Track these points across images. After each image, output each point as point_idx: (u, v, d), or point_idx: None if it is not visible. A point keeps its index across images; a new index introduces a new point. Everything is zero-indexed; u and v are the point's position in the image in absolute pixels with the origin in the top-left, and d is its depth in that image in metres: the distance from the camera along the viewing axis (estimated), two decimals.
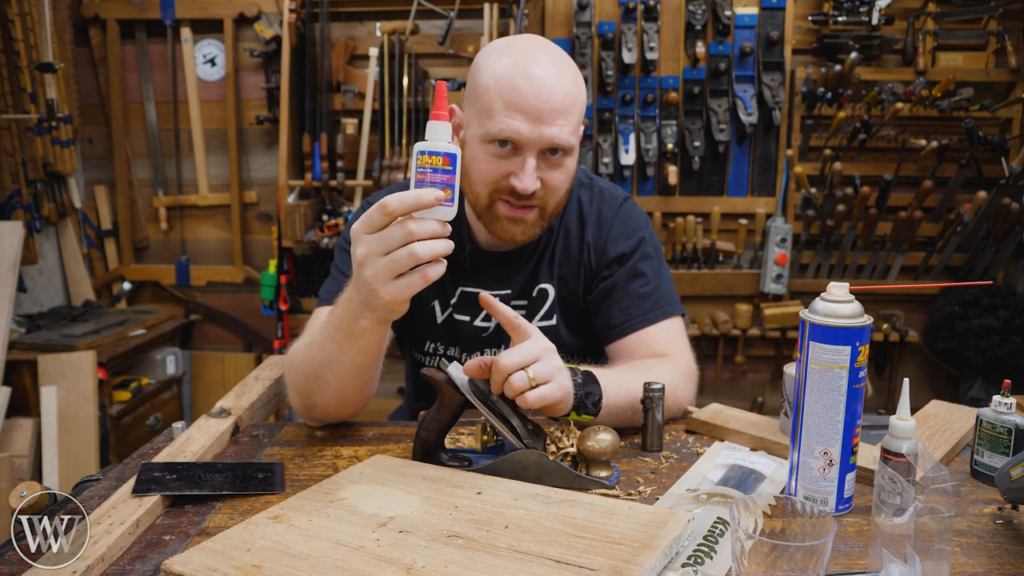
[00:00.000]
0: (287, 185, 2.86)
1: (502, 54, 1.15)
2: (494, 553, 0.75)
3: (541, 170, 1.15)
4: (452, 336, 1.35)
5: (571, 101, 1.14)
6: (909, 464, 0.85)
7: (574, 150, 1.18)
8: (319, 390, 1.11)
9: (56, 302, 3.06)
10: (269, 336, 3.22)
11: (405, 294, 0.91)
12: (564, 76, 1.14)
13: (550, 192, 1.18)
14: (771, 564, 0.68)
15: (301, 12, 2.87)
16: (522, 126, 1.11)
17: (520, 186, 1.14)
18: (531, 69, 1.12)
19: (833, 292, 0.86)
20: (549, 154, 1.15)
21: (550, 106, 1.11)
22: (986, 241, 2.78)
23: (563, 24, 2.74)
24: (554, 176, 1.17)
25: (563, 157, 1.17)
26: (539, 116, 1.11)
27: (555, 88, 1.12)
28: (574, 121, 1.15)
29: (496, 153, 1.15)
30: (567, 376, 1.00)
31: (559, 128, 1.12)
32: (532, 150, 1.13)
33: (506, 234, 1.21)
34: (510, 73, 1.12)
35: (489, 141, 1.14)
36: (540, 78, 1.12)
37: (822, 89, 2.69)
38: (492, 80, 1.13)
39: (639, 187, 2.82)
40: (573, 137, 1.15)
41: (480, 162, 1.17)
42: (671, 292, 1.33)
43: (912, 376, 1.06)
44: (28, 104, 2.72)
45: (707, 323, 2.86)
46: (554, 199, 1.20)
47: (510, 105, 1.11)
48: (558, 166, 1.17)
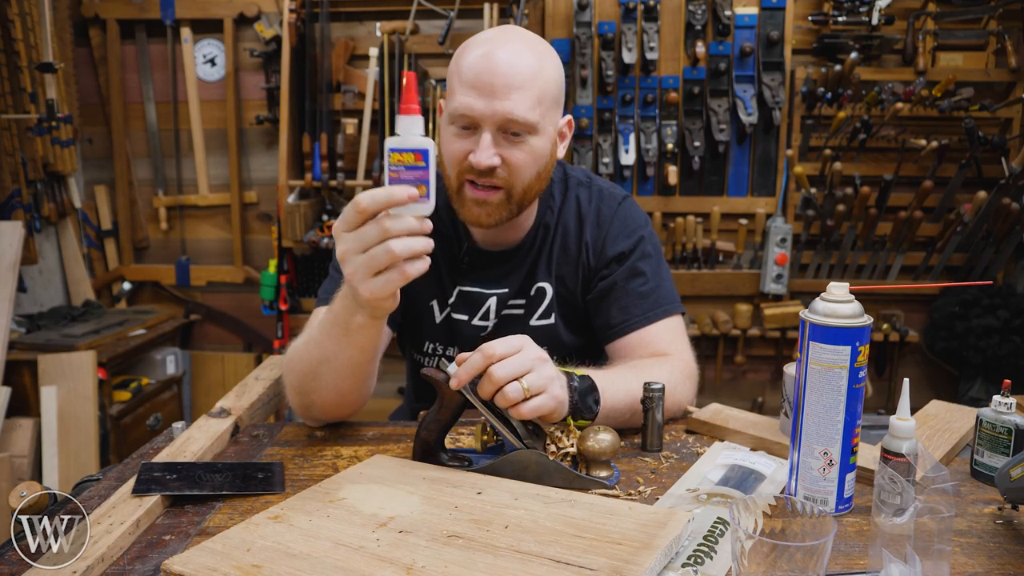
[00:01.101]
0: (287, 185, 2.86)
1: (474, 44, 1.17)
2: (494, 553, 0.75)
3: (501, 147, 1.14)
4: (451, 336, 1.35)
5: (528, 76, 1.12)
6: (909, 464, 0.85)
7: (537, 129, 1.15)
8: (317, 388, 1.11)
9: (56, 302, 3.06)
10: (269, 336, 3.22)
11: (385, 290, 0.91)
12: (524, 55, 1.14)
13: (513, 172, 1.16)
14: (771, 564, 0.68)
15: (301, 12, 2.87)
16: (475, 102, 1.12)
17: (475, 160, 1.13)
18: (494, 52, 1.13)
19: (833, 292, 0.86)
20: (510, 134, 1.14)
21: (503, 81, 1.11)
22: (986, 241, 2.78)
23: (563, 24, 2.74)
24: (515, 154, 1.15)
25: (525, 136, 1.15)
26: (491, 91, 1.11)
27: (510, 65, 1.12)
28: (531, 96, 1.13)
29: (457, 133, 1.16)
30: (561, 385, 0.99)
31: (512, 103, 1.11)
32: (487, 125, 1.13)
33: (472, 217, 1.20)
34: (473, 57, 1.13)
35: (452, 122, 1.16)
36: (497, 56, 1.12)
37: (822, 89, 2.69)
38: (457, 65, 1.15)
39: (639, 187, 2.82)
40: (531, 113, 1.13)
41: (446, 144, 1.18)
42: (671, 291, 1.33)
43: (912, 376, 1.06)
44: (28, 104, 2.72)
45: (707, 323, 2.86)
46: (520, 180, 1.18)
47: (465, 83, 1.12)
48: (519, 143, 1.15)
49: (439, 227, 1.32)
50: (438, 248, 1.31)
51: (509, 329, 0.95)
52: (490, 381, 0.93)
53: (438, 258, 1.32)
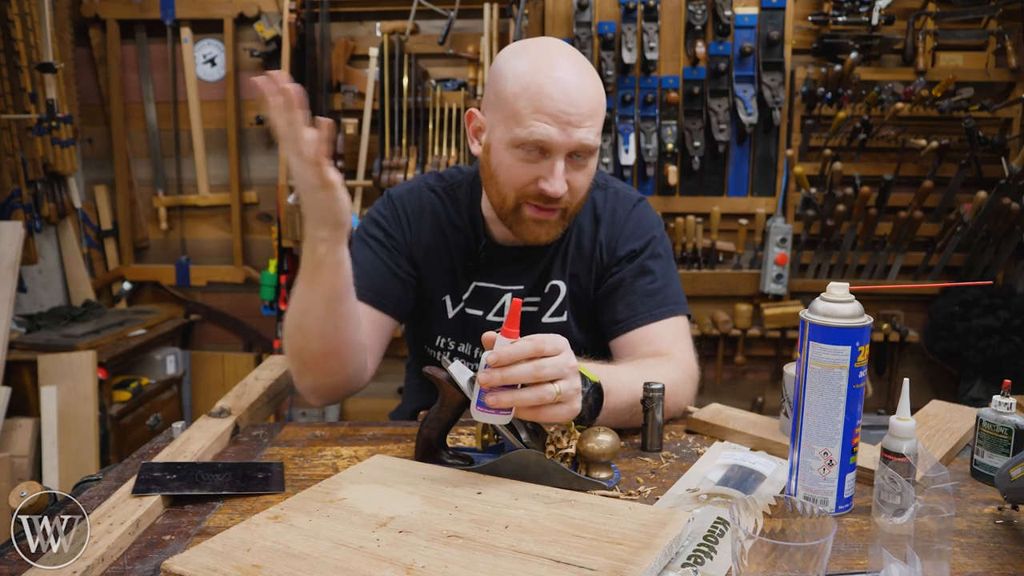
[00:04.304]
0: (287, 185, 2.86)
1: (521, 57, 1.16)
2: (494, 553, 0.75)
3: (568, 172, 1.17)
4: (464, 331, 1.35)
5: (596, 104, 1.15)
6: (909, 464, 0.85)
7: (597, 151, 1.19)
8: (305, 343, 1.13)
9: (56, 302, 3.06)
10: (269, 336, 3.22)
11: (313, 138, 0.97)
12: (587, 79, 1.15)
13: (575, 193, 1.20)
14: (771, 564, 0.68)
15: (301, 12, 2.87)
16: (552, 130, 1.12)
17: (550, 190, 1.15)
18: (554, 73, 1.13)
19: (833, 292, 0.86)
20: (575, 156, 1.16)
21: (578, 110, 1.12)
22: (986, 241, 2.78)
23: (563, 24, 2.74)
24: (579, 178, 1.19)
25: (587, 158, 1.18)
26: (568, 120, 1.12)
27: (581, 92, 1.13)
28: (599, 122, 1.17)
29: (524, 158, 1.16)
30: (579, 398, 0.97)
31: (586, 131, 1.14)
32: (561, 153, 1.14)
33: (531, 235, 1.23)
34: (535, 78, 1.13)
35: (517, 146, 1.15)
36: (565, 81, 1.12)
37: (822, 89, 2.69)
38: (517, 85, 1.14)
39: (639, 187, 2.82)
40: (598, 139, 1.17)
41: (507, 167, 1.18)
42: (678, 292, 1.34)
43: (912, 376, 1.06)
44: (28, 104, 2.72)
45: (707, 323, 2.86)
46: (576, 200, 1.22)
47: (539, 110, 1.12)
48: (583, 167, 1.18)
49: (456, 222, 1.33)
50: (452, 243, 1.32)
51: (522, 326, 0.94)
52: (535, 374, 0.90)
53: (452, 253, 1.33)
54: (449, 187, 1.37)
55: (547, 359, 0.91)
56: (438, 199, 1.35)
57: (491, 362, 0.90)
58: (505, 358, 0.90)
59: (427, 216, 1.34)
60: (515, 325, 0.92)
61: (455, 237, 1.33)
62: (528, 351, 0.90)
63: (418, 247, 1.34)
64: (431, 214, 1.34)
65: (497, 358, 0.90)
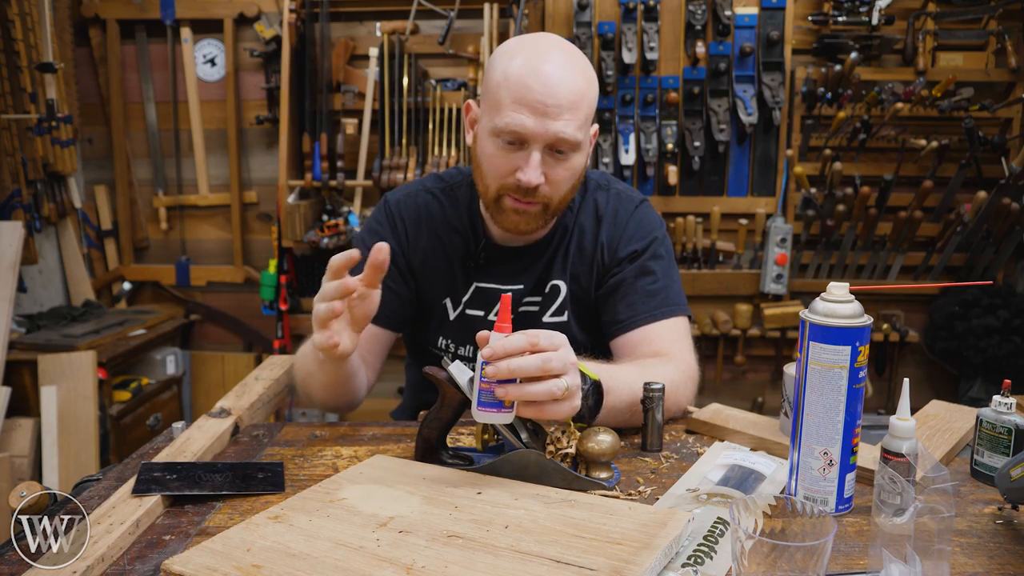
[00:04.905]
0: (287, 185, 2.86)
1: (516, 52, 1.17)
2: (494, 553, 0.75)
3: (546, 165, 1.16)
4: (465, 333, 1.35)
5: (578, 97, 1.14)
6: (909, 464, 0.85)
7: (581, 146, 1.18)
8: (311, 390, 1.26)
9: (56, 302, 3.06)
10: (269, 336, 3.22)
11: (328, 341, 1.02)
12: (572, 72, 1.15)
13: (554, 187, 1.19)
14: (771, 564, 0.68)
15: (301, 12, 2.87)
16: (527, 120, 1.12)
17: (524, 179, 1.15)
18: (541, 66, 1.13)
19: (833, 292, 0.86)
20: (555, 151, 1.16)
21: (555, 101, 1.12)
22: (986, 241, 2.78)
23: (563, 24, 2.74)
24: (558, 172, 1.18)
25: (569, 153, 1.17)
26: (544, 111, 1.12)
27: (561, 84, 1.13)
28: (580, 116, 1.15)
29: (503, 147, 1.16)
30: (580, 396, 0.97)
31: (564, 123, 1.13)
32: (537, 144, 1.14)
33: (510, 225, 1.23)
34: (520, 70, 1.13)
35: (497, 135, 1.16)
36: (547, 74, 1.13)
37: (822, 89, 2.69)
38: (503, 76, 1.15)
39: (639, 187, 2.82)
40: (579, 132, 1.16)
41: (488, 156, 1.18)
42: (679, 293, 1.34)
43: (912, 376, 1.06)
44: (28, 104, 2.72)
45: (707, 323, 2.86)
46: (558, 194, 1.21)
47: (517, 100, 1.13)
48: (563, 161, 1.18)
49: (455, 223, 1.33)
50: (451, 245, 1.32)
51: (523, 326, 0.94)
52: (543, 367, 0.89)
53: (451, 256, 1.33)
54: (448, 188, 1.37)
55: (553, 353, 0.91)
56: (436, 202, 1.36)
57: (486, 356, 0.89)
58: (500, 351, 0.89)
59: (424, 221, 1.35)
60: (507, 320, 0.91)
61: (454, 239, 1.34)
62: (522, 344, 0.90)
63: (416, 254, 1.34)
64: (428, 219, 1.35)
65: (492, 351, 0.89)
